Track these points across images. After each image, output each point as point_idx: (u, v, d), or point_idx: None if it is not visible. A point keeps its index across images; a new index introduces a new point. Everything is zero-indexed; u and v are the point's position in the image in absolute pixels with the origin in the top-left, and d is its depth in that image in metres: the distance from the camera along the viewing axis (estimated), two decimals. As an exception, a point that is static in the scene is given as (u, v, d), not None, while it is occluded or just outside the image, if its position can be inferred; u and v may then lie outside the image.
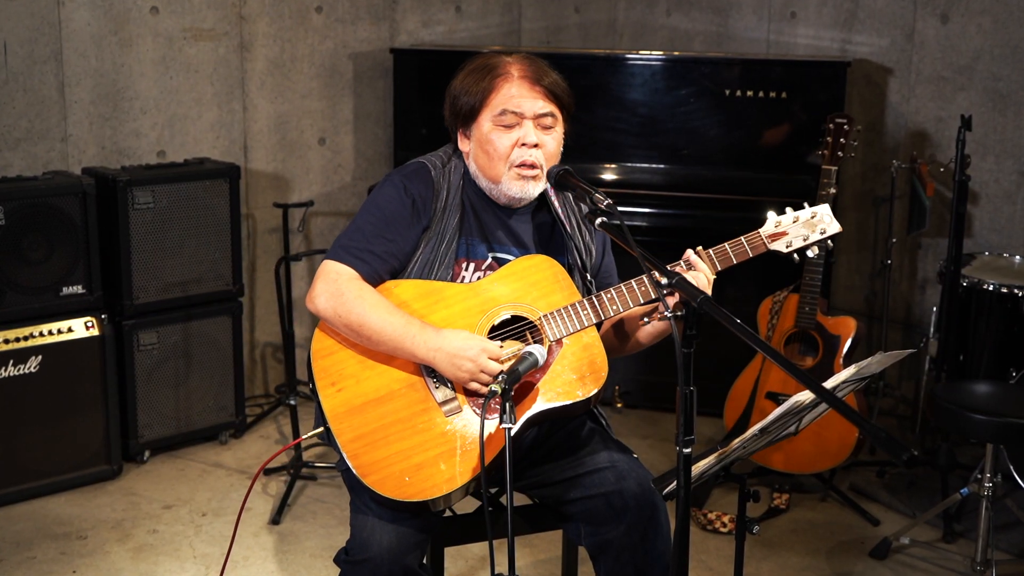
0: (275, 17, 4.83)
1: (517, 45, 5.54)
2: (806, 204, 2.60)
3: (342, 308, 2.43)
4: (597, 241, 2.71)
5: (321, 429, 2.46)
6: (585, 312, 2.49)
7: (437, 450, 2.40)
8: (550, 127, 2.55)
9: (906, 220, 4.69)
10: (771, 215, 2.57)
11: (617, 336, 2.66)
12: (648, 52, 4.87)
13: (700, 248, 2.53)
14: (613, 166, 4.78)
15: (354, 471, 2.37)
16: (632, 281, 2.50)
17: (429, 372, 2.47)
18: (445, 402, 2.44)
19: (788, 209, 2.58)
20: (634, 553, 2.49)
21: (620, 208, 2.45)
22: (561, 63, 4.90)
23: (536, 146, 2.52)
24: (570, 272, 2.59)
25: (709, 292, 2.39)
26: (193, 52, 4.63)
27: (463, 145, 2.60)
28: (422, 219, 2.54)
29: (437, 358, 2.41)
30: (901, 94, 4.81)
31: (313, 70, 4.98)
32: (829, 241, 2.59)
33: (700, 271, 2.47)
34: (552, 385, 2.45)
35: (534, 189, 2.56)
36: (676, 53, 4.98)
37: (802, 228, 2.57)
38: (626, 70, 4.77)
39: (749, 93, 4.64)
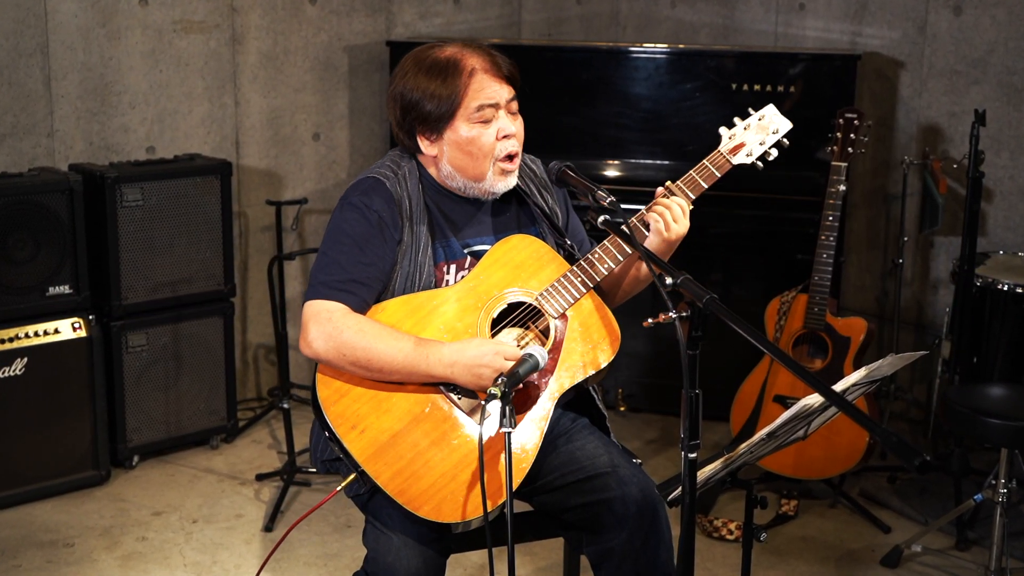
0: (268, 9, 4.84)
1: (517, 38, 5.54)
2: (750, 109, 2.73)
3: (345, 347, 2.39)
4: (559, 201, 2.74)
5: (354, 476, 2.41)
6: (579, 279, 2.52)
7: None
8: (515, 111, 2.58)
9: (918, 218, 4.69)
10: (723, 130, 2.71)
11: (608, 290, 2.69)
12: (652, 45, 4.87)
13: (669, 183, 2.61)
14: (616, 162, 4.78)
15: (405, 507, 2.34)
16: (613, 235, 2.54)
17: (447, 385, 2.45)
18: (473, 411, 2.43)
19: (736, 119, 2.71)
20: (636, 561, 2.49)
21: (623, 206, 2.46)
22: (563, 56, 4.95)
23: (514, 134, 2.56)
24: (547, 243, 2.62)
25: (687, 223, 2.54)
26: (183, 45, 4.63)
27: (430, 150, 2.57)
28: (394, 234, 2.52)
29: (455, 372, 2.40)
30: (913, 88, 4.81)
31: (307, 63, 4.98)
32: (784, 140, 2.71)
33: (678, 206, 2.55)
34: (570, 362, 2.47)
35: (514, 179, 2.60)
36: (681, 46, 4.98)
37: (756, 133, 2.70)
38: (629, 63, 4.77)
39: (756, 87, 4.64)
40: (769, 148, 2.69)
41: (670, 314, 2.14)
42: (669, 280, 2.20)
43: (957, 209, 4.64)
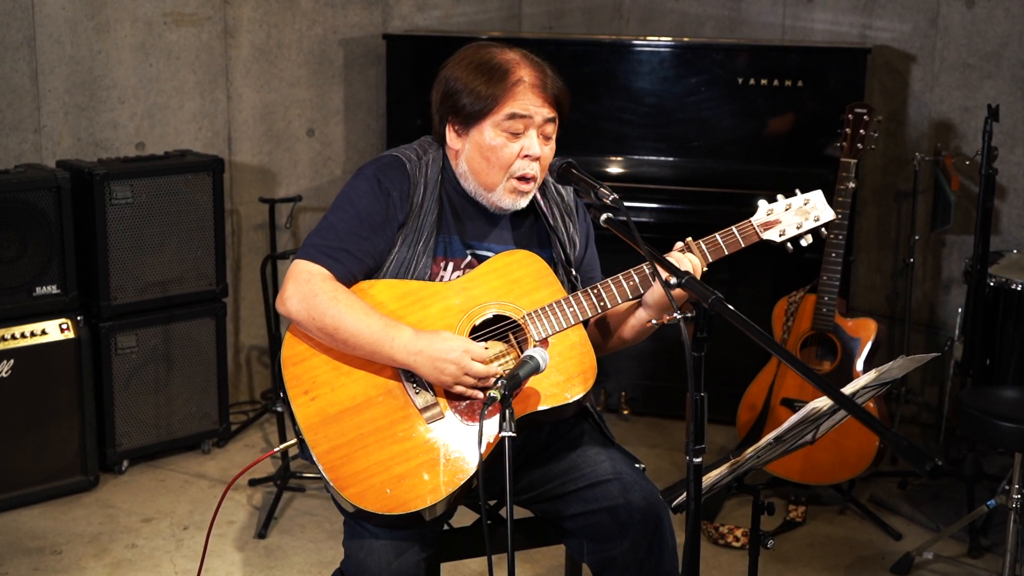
0: (261, 1, 4.84)
1: (517, 31, 5.54)
2: (797, 191, 2.64)
3: (315, 311, 2.43)
4: (580, 232, 2.73)
5: (295, 440, 2.46)
6: (571, 309, 2.51)
7: (419, 459, 2.40)
8: (550, 136, 2.58)
9: (930, 216, 4.69)
10: (762, 203, 2.62)
11: (601, 332, 2.67)
12: (656, 38, 4.87)
13: (690, 239, 2.57)
14: (619, 159, 4.78)
15: (331, 484, 2.37)
16: (619, 276, 2.53)
17: (408, 376, 2.47)
18: (426, 408, 2.45)
19: (779, 196, 2.62)
20: (640, 569, 2.50)
21: (626, 203, 2.45)
22: (564, 50, 4.95)
23: (537, 158, 2.55)
24: (553, 267, 2.61)
25: None
26: (174, 38, 4.63)
27: (454, 143, 2.60)
28: (398, 215, 2.54)
29: (418, 362, 2.42)
30: (924, 82, 4.81)
31: (301, 57, 4.98)
32: (823, 229, 2.62)
33: (690, 262, 2.49)
34: (538, 387, 2.46)
35: (524, 201, 2.60)
36: (686, 39, 4.98)
37: (795, 215, 2.61)
38: (633, 57, 4.77)
39: (763, 81, 4.64)
40: (805, 233, 2.60)
41: (675, 314, 2.14)
42: (673, 280, 2.20)
43: (969, 207, 4.64)
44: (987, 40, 4.64)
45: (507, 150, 2.53)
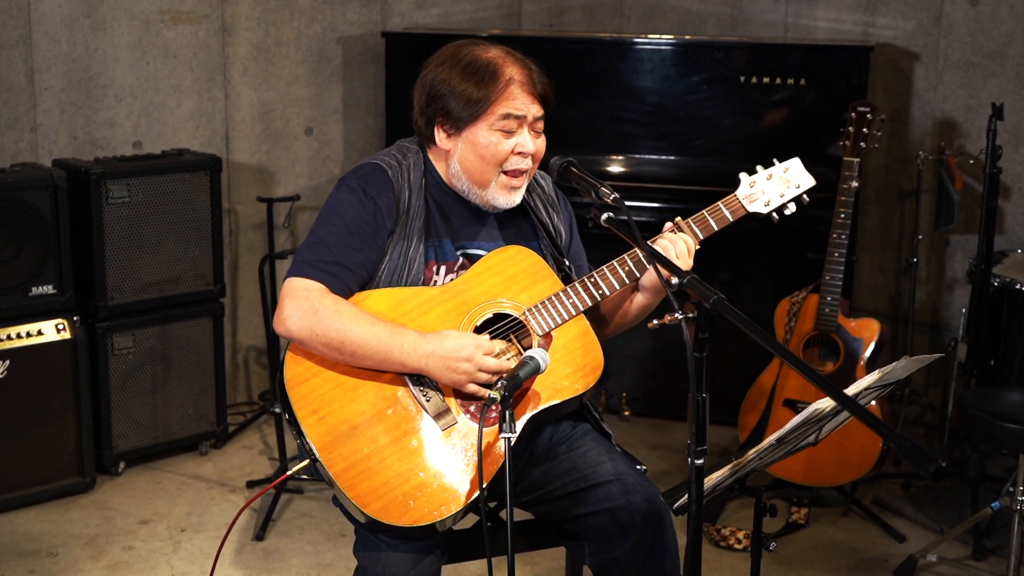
0: (259, -2, 4.84)
1: (517, 28, 5.54)
2: (775, 160, 2.69)
3: (319, 326, 2.40)
4: (564, 221, 2.75)
5: (307, 462, 2.42)
6: (571, 300, 2.52)
7: (437, 467, 2.39)
8: (540, 131, 2.59)
9: (933, 216, 4.69)
10: (743, 176, 2.67)
11: (596, 321, 2.68)
12: (657, 36, 4.87)
13: (679, 219, 2.61)
14: (620, 158, 4.78)
15: (353, 503, 2.35)
16: (614, 262, 2.55)
17: (415, 383, 2.46)
18: (439, 415, 2.44)
19: (759, 167, 2.68)
20: (642, 571, 2.50)
21: (627, 202, 2.45)
22: (564, 48, 4.96)
23: (531, 154, 2.56)
24: (544, 259, 2.62)
25: (690, 263, 2.51)
26: (171, 36, 4.63)
27: (444, 144, 2.59)
28: (387, 223, 2.53)
29: (430, 364, 2.41)
30: (928, 81, 4.81)
31: (300, 55, 4.98)
32: (805, 196, 2.69)
33: (684, 242, 2.53)
34: (548, 381, 2.46)
35: (517, 197, 2.60)
36: (687, 37, 4.99)
37: (777, 185, 2.67)
38: (634, 55, 4.77)
39: (765, 80, 4.64)
40: (788, 202, 2.67)
41: (676, 315, 2.14)
42: (675, 280, 2.20)
43: (973, 206, 4.64)
44: (991, 38, 4.64)
45: (501, 147, 2.54)
